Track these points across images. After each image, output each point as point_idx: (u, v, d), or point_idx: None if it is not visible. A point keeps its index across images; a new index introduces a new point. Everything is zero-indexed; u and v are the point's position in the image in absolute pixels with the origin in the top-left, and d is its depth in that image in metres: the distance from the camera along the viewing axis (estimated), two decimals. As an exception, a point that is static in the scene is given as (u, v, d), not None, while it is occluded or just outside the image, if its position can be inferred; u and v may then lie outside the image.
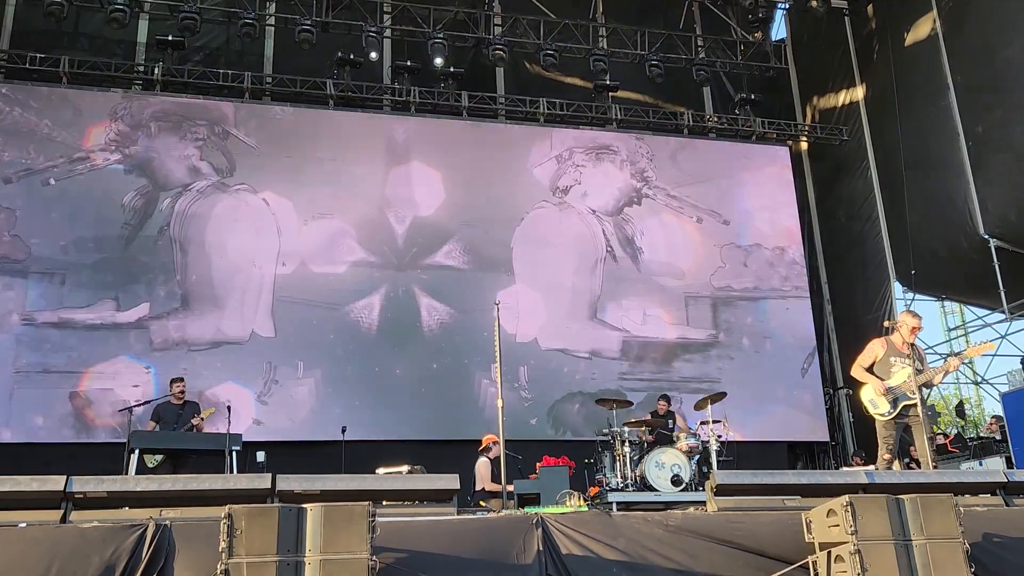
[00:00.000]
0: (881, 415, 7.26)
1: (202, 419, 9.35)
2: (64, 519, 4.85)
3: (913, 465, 11.83)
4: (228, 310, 12.54)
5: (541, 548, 4.95)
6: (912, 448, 12.59)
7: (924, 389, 7.33)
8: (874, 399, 7.32)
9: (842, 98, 16.34)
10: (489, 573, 4.76)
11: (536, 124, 15.01)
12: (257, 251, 12.91)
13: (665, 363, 14.01)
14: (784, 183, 15.79)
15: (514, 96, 15.28)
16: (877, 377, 7.37)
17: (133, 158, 12.83)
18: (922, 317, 7.55)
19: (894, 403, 7.21)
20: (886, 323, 12.96)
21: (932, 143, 14.09)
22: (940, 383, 7.66)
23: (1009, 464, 11.20)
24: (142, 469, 8.30)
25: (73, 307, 11.96)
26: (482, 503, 9.06)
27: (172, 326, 12.23)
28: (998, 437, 12.71)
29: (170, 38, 13.48)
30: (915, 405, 7.20)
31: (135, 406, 9.44)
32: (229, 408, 9.20)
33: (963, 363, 7.39)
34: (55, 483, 4.88)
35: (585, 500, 8.01)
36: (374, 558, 4.13)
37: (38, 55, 12.94)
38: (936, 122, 13.97)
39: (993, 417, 14.51)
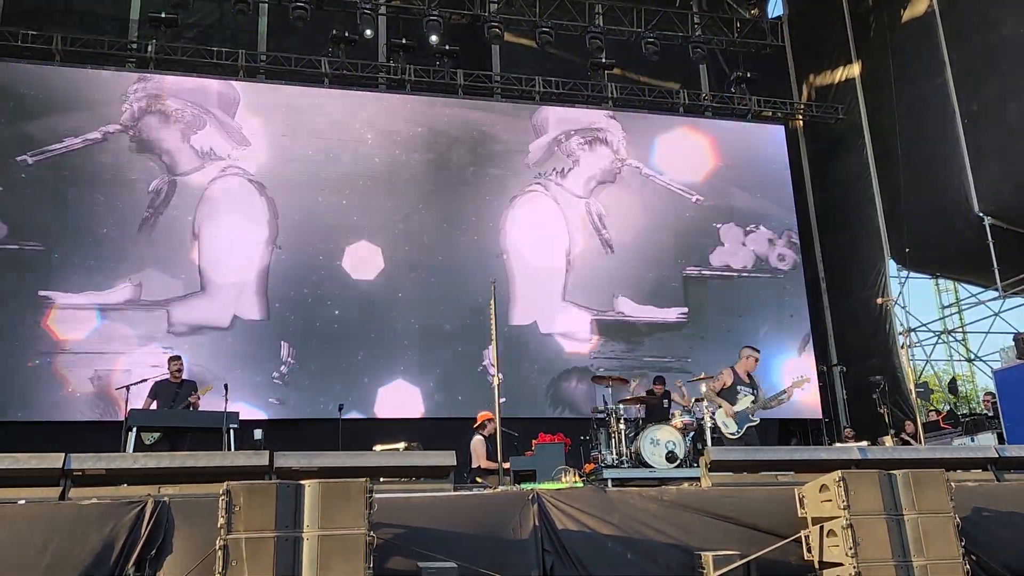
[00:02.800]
0: (731, 434, 8.41)
1: (199, 396, 9.35)
2: (63, 496, 4.88)
3: (908, 440, 11.95)
4: (223, 292, 12.55)
5: (537, 524, 5.00)
6: (906, 422, 12.72)
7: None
8: (726, 421, 8.47)
9: (838, 75, 16.30)
10: (486, 548, 4.81)
11: (531, 102, 14.95)
12: (251, 232, 12.90)
13: (661, 342, 14.06)
14: (780, 162, 15.78)
15: (509, 74, 15.21)
16: (727, 402, 8.56)
17: (124, 139, 12.78)
18: (760, 351, 9.13)
19: (740, 425, 8.43)
20: (879, 300, 13.06)
21: (928, 121, 14.07)
22: (776, 406, 8.88)
23: (1001, 440, 11.27)
24: (139, 447, 8.32)
25: (83, 290, 12.03)
26: (479, 479, 9.11)
27: (172, 309, 12.26)
28: (990, 413, 12.78)
29: (163, 15, 13.41)
30: (755, 425, 8.52)
31: (133, 384, 9.43)
32: (226, 387, 9.21)
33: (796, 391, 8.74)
34: (54, 460, 4.90)
35: (580, 476, 8.06)
36: (371, 534, 4.16)
37: (30, 32, 12.85)
38: (932, 100, 13.94)
39: (987, 393, 14.60)
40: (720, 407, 8.55)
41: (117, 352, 11.90)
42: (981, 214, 13.02)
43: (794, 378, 8.79)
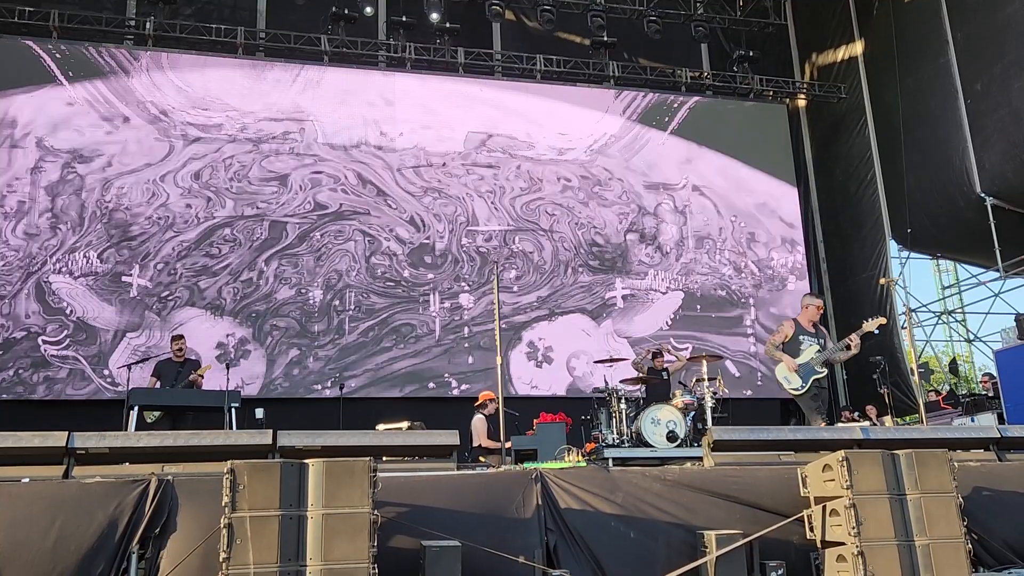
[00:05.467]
0: (795, 390, 7.88)
1: (199, 376, 9.35)
2: (66, 475, 4.89)
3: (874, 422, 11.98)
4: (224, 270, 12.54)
5: (540, 502, 5.02)
6: (867, 407, 12.75)
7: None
8: (787, 376, 7.94)
9: (841, 54, 16.20)
10: (489, 527, 4.82)
11: (532, 81, 14.86)
12: (254, 207, 12.85)
13: (663, 324, 14.05)
14: (783, 142, 15.73)
15: (510, 52, 15.11)
16: (788, 355, 7.98)
17: (129, 120, 12.72)
18: (820, 296, 8.47)
19: (805, 378, 7.85)
20: (882, 280, 13.03)
21: (930, 100, 14.01)
22: (846, 359, 8.36)
23: (1000, 420, 11.32)
24: (141, 425, 8.33)
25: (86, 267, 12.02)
26: (481, 459, 9.14)
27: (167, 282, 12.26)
28: (990, 394, 12.83)
29: (161, -9, 13.29)
30: (823, 377, 7.93)
31: (135, 363, 9.44)
32: (228, 366, 9.21)
33: (859, 336, 7.93)
34: (57, 439, 4.90)
35: (583, 456, 8.08)
36: (375, 512, 4.17)
37: (27, 8, 12.75)
38: (935, 79, 13.88)
39: (985, 374, 14.64)
40: (780, 362, 7.99)
41: (117, 328, 11.88)
42: (983, 194, 13.00)
43: (866, 320, 8.42)
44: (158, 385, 9.20)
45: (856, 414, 13.05)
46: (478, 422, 9.75)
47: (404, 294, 13.10)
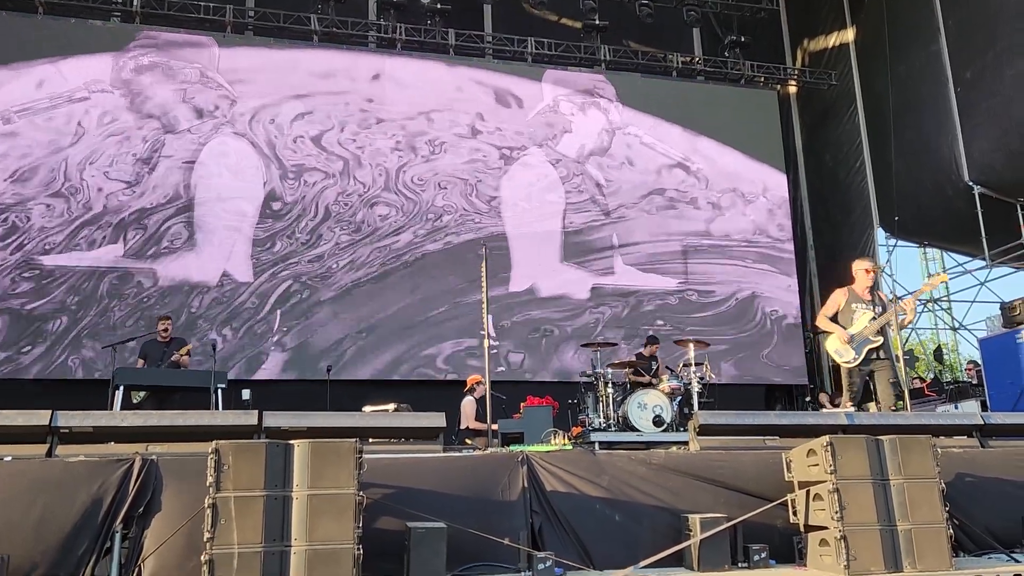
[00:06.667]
0: (847, 363, 7.35)
1: (182, 355, 9.30)
2: (50, 453, 4.86)
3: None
4: (213, 252, 12.46)
5: (526, 485, 5.02)
6: (820, 394, 12.80)
7: (890, 331, 7.37)
8: (839, 348, 7.40)
9: (832, 41, 16.18)
10: (474, 509, 4.82)
11: (523, 64, 14.79)
12: (241, 193, 12.76)
13: (659, 310, 14.06)
14: (773, 127, 15.71)
15: (501, 35, 15.01)
16: (840, 326, 7.44)
17: (116, 96, 12.59)
18: (871, 258, 7.64)
19: (858, 350, 7.30)
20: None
21: (921, 88, 14.02)
22: (910, 323, 7.65)
23: (984, 407, 11.41)
24: (127, 405, 8.30)
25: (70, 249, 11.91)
26: (468, 441, 9.16)
27: (157, 269, 12.18)
28: (974, 381, 12.92)
29: (148, -32, 13.14)
30: (879, 348, 7.31)
31: (119, 343, 9.39)
32: (214, 346, 9.17)
33: (919, 299, 7.27)
34: (40, 417, 4.87)
35: (569, 439, 8.11)
36: (361, 493, 4.17)
37: (12, -17, 12.61)
38: (926, 67, 13.88)
39: (970, 362, 14.74)
40: (831, 334, 7.43)
41: (105, 309, 11.81)
42: (971, 183, 13.04)
43: (925, 281, 7.95)
44: (145, 366, 9.15)
45: (829, 397, 13.15)
46: (467, 404, 9.78)
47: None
